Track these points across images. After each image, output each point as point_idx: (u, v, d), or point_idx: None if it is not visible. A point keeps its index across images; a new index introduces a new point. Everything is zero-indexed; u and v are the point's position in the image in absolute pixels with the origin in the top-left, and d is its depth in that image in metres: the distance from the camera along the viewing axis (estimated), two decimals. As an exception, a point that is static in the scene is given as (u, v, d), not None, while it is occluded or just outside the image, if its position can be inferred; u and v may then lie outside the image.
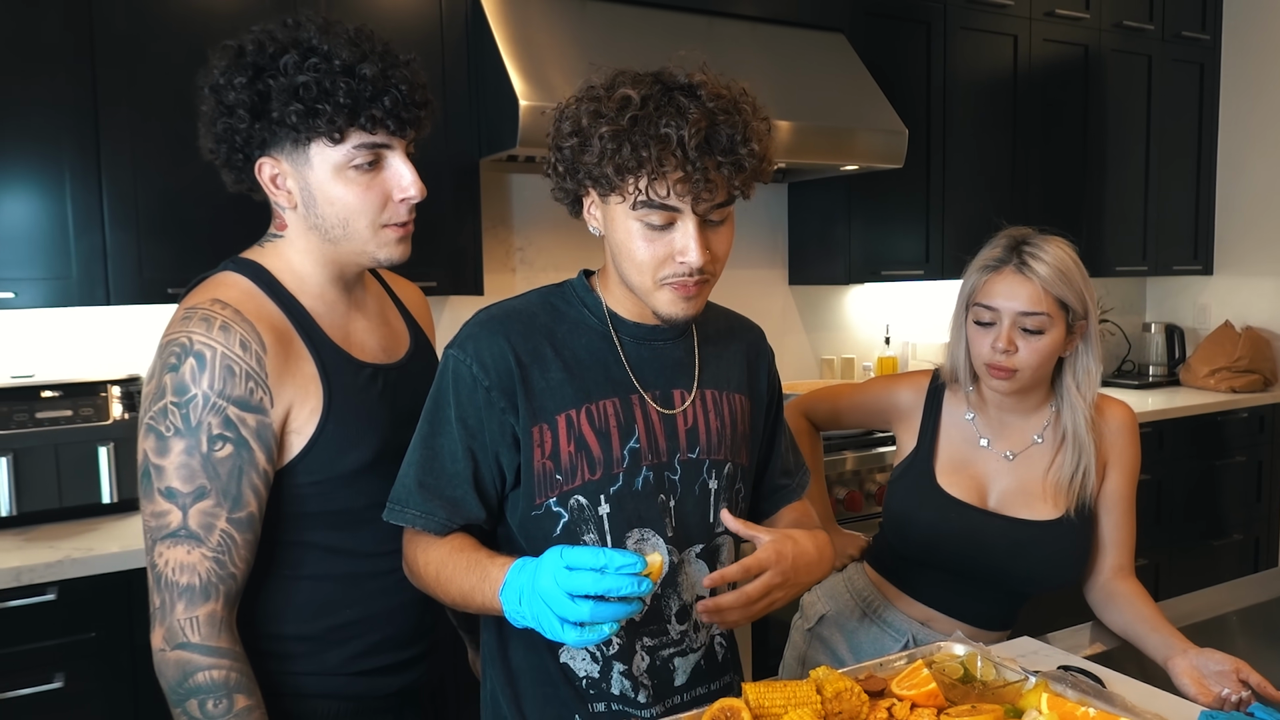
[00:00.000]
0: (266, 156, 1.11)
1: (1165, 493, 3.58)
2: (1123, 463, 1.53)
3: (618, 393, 1.14)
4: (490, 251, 2.89)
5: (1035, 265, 1.44)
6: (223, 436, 1.04)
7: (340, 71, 1.06)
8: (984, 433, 1.56)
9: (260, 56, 1.08)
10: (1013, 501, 1.51)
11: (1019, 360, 1.44)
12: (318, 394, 1.12)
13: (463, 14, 2.50)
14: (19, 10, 2.03)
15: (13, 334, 2.34)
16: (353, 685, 1.18)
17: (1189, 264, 4.06)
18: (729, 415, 1.22)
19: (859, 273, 3.23)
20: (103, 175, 2.13)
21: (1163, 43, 3.85)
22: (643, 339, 1.17)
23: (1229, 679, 1.27)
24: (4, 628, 1.85)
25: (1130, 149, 3.82)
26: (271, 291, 1.14)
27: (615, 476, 1.13)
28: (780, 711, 1.05)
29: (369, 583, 1.18)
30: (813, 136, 2.76)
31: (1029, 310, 1.43)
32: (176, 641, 1.03)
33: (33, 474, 2.07)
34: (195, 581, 1.03)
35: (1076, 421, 1.50)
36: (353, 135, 1.08)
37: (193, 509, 1.03)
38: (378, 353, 1.22)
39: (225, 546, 1.04)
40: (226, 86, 1.08)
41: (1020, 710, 1.08)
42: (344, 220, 1.12)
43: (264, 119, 1.08)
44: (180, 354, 1.04)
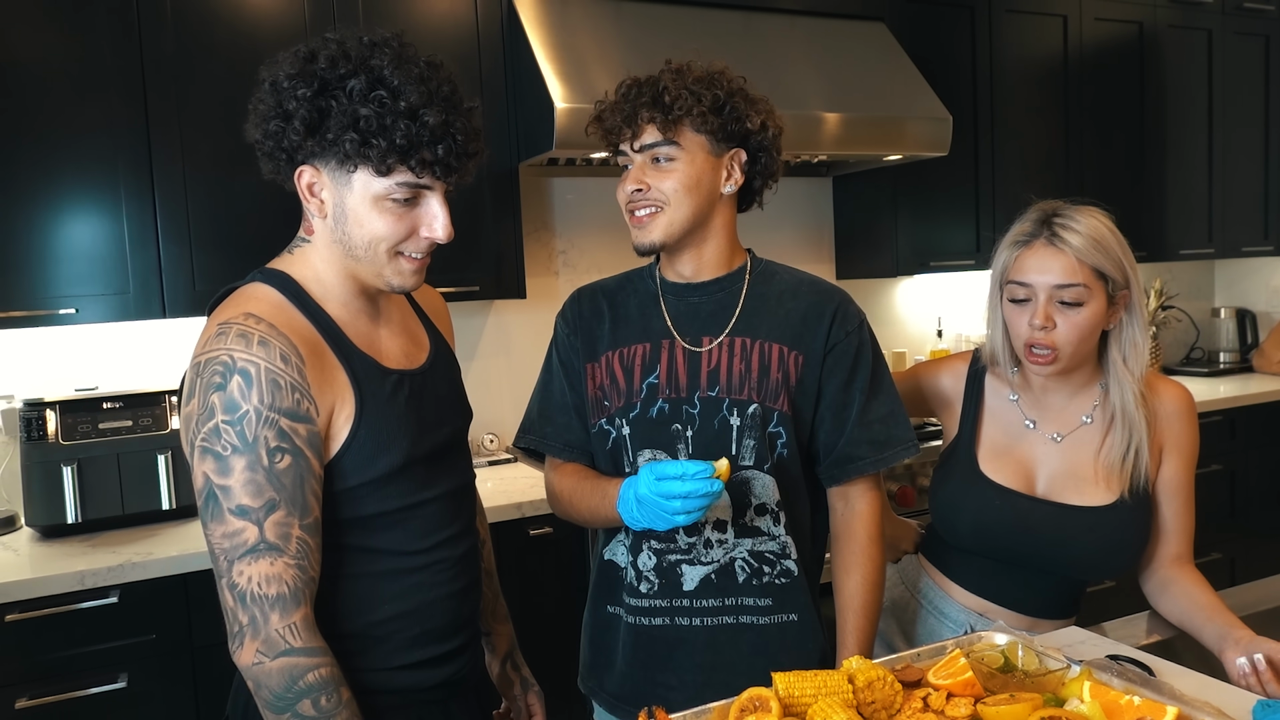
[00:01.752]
0: (309, 165, 1.13)
1: (1239, 483, 3.44)
2: (1180, 447, 1.46)
3: (651, 339, 1.39)
4: (533, 255, 2.91)
5: (1067, 235, 1.38)
6: (280, 449, 1.05)
7: (404, 113, 1.07)
8: (1029, 414, 1.50)
9: (330, 72, 1.08)
10: (1062, 486, 1.45)
11: (1058, 337, 1.39)
12: (350, 401, 1.14)
13: (498, 18, 2.52)
14: (72, 38, 2.12)
15: (76, 348, 2.44)
16: (396, 679, 1.19)
17: (1259, 245, 3.89)
18: (760, 361, 1.35)
19: (907, 264, 3.17)
20: (156, 193, 2.20)
21: (1223, 15, 3.71)
22: (680, 295, 1.41)
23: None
24: (70, 630, 1.92)
25: (1191, 128, 3.68)
26: (299, 302, 1.15)
27: (634, 405, 1.38)
28: (810, 701, 1.03)
29: (405, 578, 1.19)
30: (855, 128, 2.73)
31: (1064, 282, 1.37)
32: (279, 650, 1.04)
33: (96, 482, 2.15)
34: (284, 590, 1.04)
35: (1125, 398, 1.43)
36: (399, 173, 1.10)
37: (267, 522, 1.04)
38: (401, 359, 1.23)
39: (303, 552, 1.06)
40: (289, 92, 1.09)
41: (1062, 699, 1.04)
42: (368, 244, 1.14)
43: (317, 135, 1.09)
44: (225, 372, 1.05)
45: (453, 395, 1.31)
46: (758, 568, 1.36)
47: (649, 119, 1.31)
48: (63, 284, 2.14)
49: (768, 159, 1.38)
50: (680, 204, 1.32)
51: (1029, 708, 1.00)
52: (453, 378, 1.33)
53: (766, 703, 1.02)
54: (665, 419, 1.36)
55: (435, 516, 1.22)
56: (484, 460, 2.75)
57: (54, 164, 2.11)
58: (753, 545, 1.36)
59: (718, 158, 1.34)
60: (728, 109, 1.32)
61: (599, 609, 1.45)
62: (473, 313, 2.89)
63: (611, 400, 1.39)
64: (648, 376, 1.37)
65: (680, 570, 1.36)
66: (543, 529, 2.34)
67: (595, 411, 1.41)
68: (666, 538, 1.36)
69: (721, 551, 1.36)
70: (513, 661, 1.50)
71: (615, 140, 1.36)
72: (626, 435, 1.38)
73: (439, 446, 1.23)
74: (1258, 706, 1.02)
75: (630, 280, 1.47)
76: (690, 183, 1.32)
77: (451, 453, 1.27)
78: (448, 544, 1.23)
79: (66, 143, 2.12)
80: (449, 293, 2.43)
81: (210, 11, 2.23)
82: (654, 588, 1.37)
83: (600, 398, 1.41)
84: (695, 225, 1.35)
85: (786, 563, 1.37)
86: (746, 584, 1.36)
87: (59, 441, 2.13)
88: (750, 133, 1.34)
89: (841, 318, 1.38)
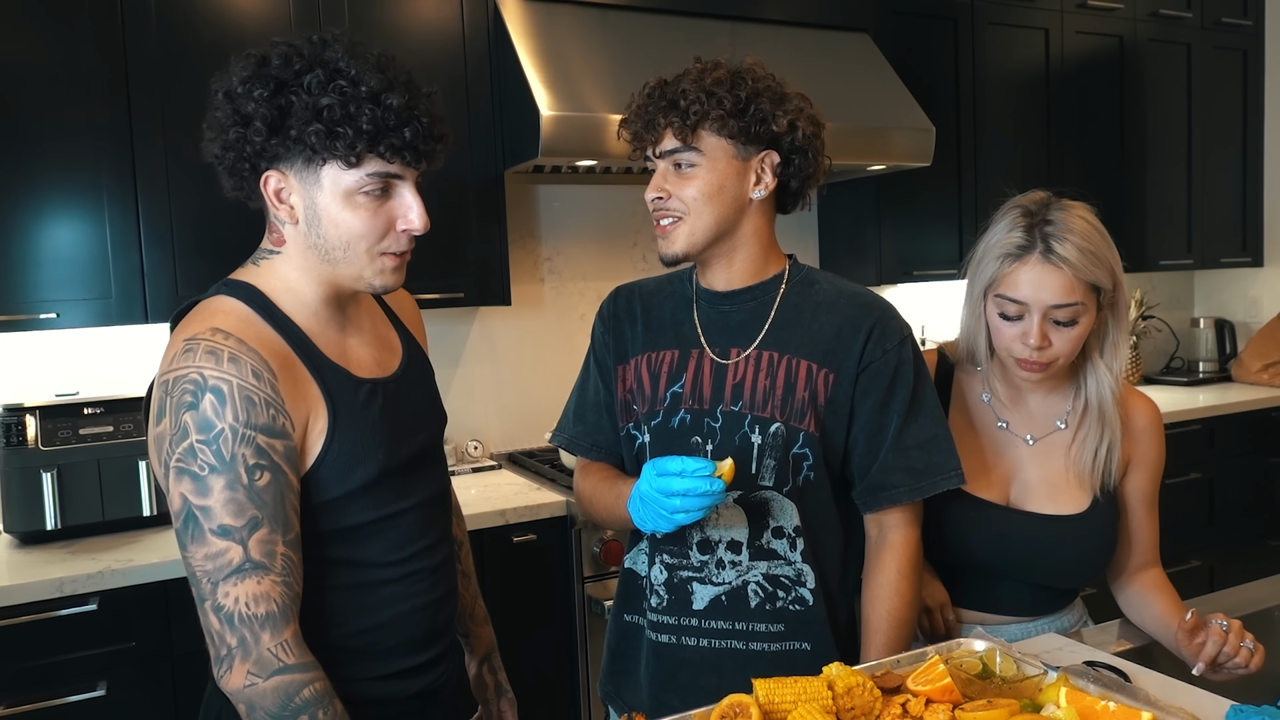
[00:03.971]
0: (274, 170, 1.09)
1: (1218, 492, 3.47)
2: (1147, 461, 1.45)
3: (681, 345, 1.36)
4: (518, 262, 2.91)
5: (1063, 250, 1.30)
6: (259, 465, 1.03)
7: (366, 98, 1.05)
8: (1002, 415, 1.46)
9: (285, 71, 1.06)
10: (1036, 493, 1.43)
11: (1053, 353, 1.34)
12: (323, 414, 1.11)
13: (484, 26, 2.53)
14: (55, 39, 2.11)
15: (56, 353, 2.42)
16: (373, 690, 1.18)
17: (1237, 256, 3.94)
18: (785, 378, 1.29)
19: (891, 274, 3.19)
20: (139, 197, 2.20)
21: (1202, 30, 3.76)
22: (714, 303, 1.36)
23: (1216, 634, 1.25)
24: (49, 637, 1.91)
25: (1171, 141, 3.73)
26: (267, 314, 1.12)
27: (657, 413, 1.35)
28: (789, 707, 1.04)
29: (381, 589, 1.18)
30: (839, 137, 2.72)
31: (1062, 302, 1.31)
32: (272, 669, 1.02)
33: (76, 488, 2.14)
34: (274, 609, 1.03)
35: (1103, 395, 1.40)
36: (368, 162, 1.07)
37: (251, 540, 1.02)
38: (373, 367, 1.20)
39: (289, 568, 1.05)
40: (245, 96, 1.06)
41: (1039, 705, 1.05)
42: (345, 243, 1.11)
43: (280, 134, 1.06)
44: (196, 391, 1.02)
45: (428, 399, 1.29)
46: (771, 592, 1.31)
47: (667, 124, 1.26)
48: (44, 288, 2.13)
49: (802, 160, 1.30)
50: (701, 213, 1.27)
51: (1006, 713, 1.01)
52: (426, 382, 1.31)
53: (747, 709, 1.03)
54: (686, 430, 1.32)
55: (412, 526, 1.20)
56: (468, 467, 2.75)
57: (36, 167, 2.10)
58: (767, 569, 1.31)
59: (744, 161, 1.27)
60: (751, 110, 1.25)
61: (619, 616, 1.43)
62: (458, 320, 2.89)
63: (638, 405, 1.37)
64: (673, 385, 1.34)
65: (691, 588, 1.33)
66: (526, 536, 2.33)
67: (624, 415, 1.39)
68: (679, 553, 1.33)
69: (735, 574, 1.31)
70: (490, 665, 1.48)
71: (641, 146, 1.31)
72: (647, 443, 1.35)
73: (415, 454, 1.22)
74: (1231, 711, 1.04)
75: (670, 283, 1.42)
76: (712, 190, 1.26)
77: (427, 460, 1.26)
78: (424, 554, 1.22)
79: (48, 146, 2.11)
80: (433, 299, 2.44)
81: (195, 15, 2.23)
82: (664, 603, 1.34)
83: (629, 401, 1.38)
84: (721, 234, 1.29)
85: (801, 590, 1.31)
86: (759, 609, 1.31)
87: (39, 447, 2.11)
88: (779, 134, 1.27)
89: (879, 334, 1.29)
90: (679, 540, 1.33)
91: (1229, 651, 1.27)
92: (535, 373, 2.99)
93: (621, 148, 1.38)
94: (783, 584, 1.31)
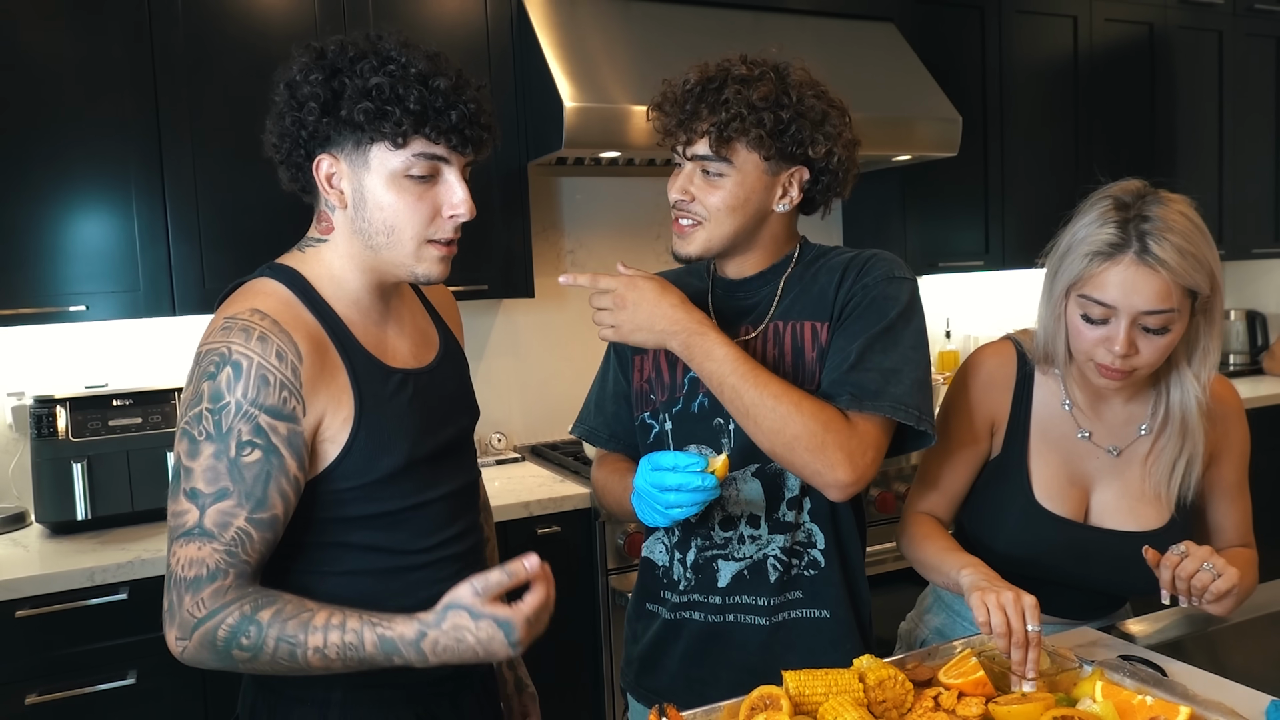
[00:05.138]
0: (326, 154, 1.11)
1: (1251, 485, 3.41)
2: (1232, 447, 1.38)
3: None
4: (541, 254, 2.91)
5: (1161, 252, 1.18)
6: (252, 443, 1.05)
7: (415, 79, 1.08)
8: (1084, 424, 1.37)
9: (339, 58, 1.10)
10: (1116, 509, 1.35)
11: (1139, 361, 1.24)
12: (348, 404, 1.12)
13: (508, 18, 2.52)
14: (83, 35, 2.12)
15: (86, 345, 2.44)
16: (403, 673, 1.18)
17: (1270, 246, 3.87)
18: (792, 344, 1.30)
19: (916, 265, 3.16)
20: (166, 191, 2.21)
21: (1234, 17, 3.69)
22: (730, 290, 1.37)
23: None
24: (80, 626, 1.93)
25: (1202, 130, 3.67)
26: (308, 300, 1.14)
27: (676, 399, 1.35)
28: (820, 699, 1.03)
29: (408, 575, 1.19)
30: (864, 128, 2.63)
31: (1155, 309, 1.19)
32: (190, 627, 1.03)
33: (106, 479, 2.16)
34: (203, 572, 1.03)
35: (1187, 404, 1.30)
36: (415, 143, 1.09)
37: (211, 509, 1.04)
38: (408, 358, 1.22)
39: (239, 540, 1.05)
40: (302, 82, 1.10)
41: (1074, 699, 1.04)
42: (390, 227, 1.12)
43: (332, 115, 1.09)
44: (219, 362, 1.06)
45: (460, 392, 1.30)
46: (787, 562, 1.33)
47: (704, 131, 1.24)
48: (73, 281, 2.15)
49: (830, 180, 1.29)
50: (722, 222, 1.27)
51: (1041, 707, 1.00)
52: (461, 375, 1.32)
53: (777, 701, 1.02)
54: (706, 414, 1.32)
55: (439, 515, 1.21)
56: (491, 460, 2.75)
57: (65, 162, 2.12)
58: (785, 542, 1.32)
59: (774, 176, 1.27)
60: (791, 131, 1.23)
61: (640, 606, 1.44)
62: (481, 312, 2.89)
63: (656, 394, 1.38)
64: (690, 371, 1.33)
65: (715, 565, 1.34)
66: (550, 528, 2.33)
67: (639, 404, 1.40)
68: (705, 534, 1.34)
69: (754, 548, 1.33)
70: (510, 660, 1.47)
71: (670, 140, 1.30)
72: (669, 430, 1.36)
73: (443, 446, 1.22)
74: (1271, 707, 1.02)
75: (689, 274, 1.43)
76: (737, 202, 1.26)
77: (457, 451, 1.27)
78: (452, 542, 1.22)
79: (77, 140, 2.13)
80: (457, 291, 2.43)
81: (221, 10, 2.24)
82: (691, 583, 1.36)
83: (646, 391, 1.39)
84: (738, 241, 1.30)
85: (813, 552, 1.32)
86: (779, 582, 1.32)
87: (69, 438, 2.13)
88: (813, 157, 1.26)
89: (861, 270, 1.27)
90: (705, 521, 1.34)
91: (1184, 575, 1.19)
92: (558, 365, 2.99)
93: (644, 139, 1.38)
94: (795, 551, 1.33)
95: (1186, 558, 1.20)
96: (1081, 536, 1.35)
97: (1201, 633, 1.38)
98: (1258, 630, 1.42)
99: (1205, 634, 1.38)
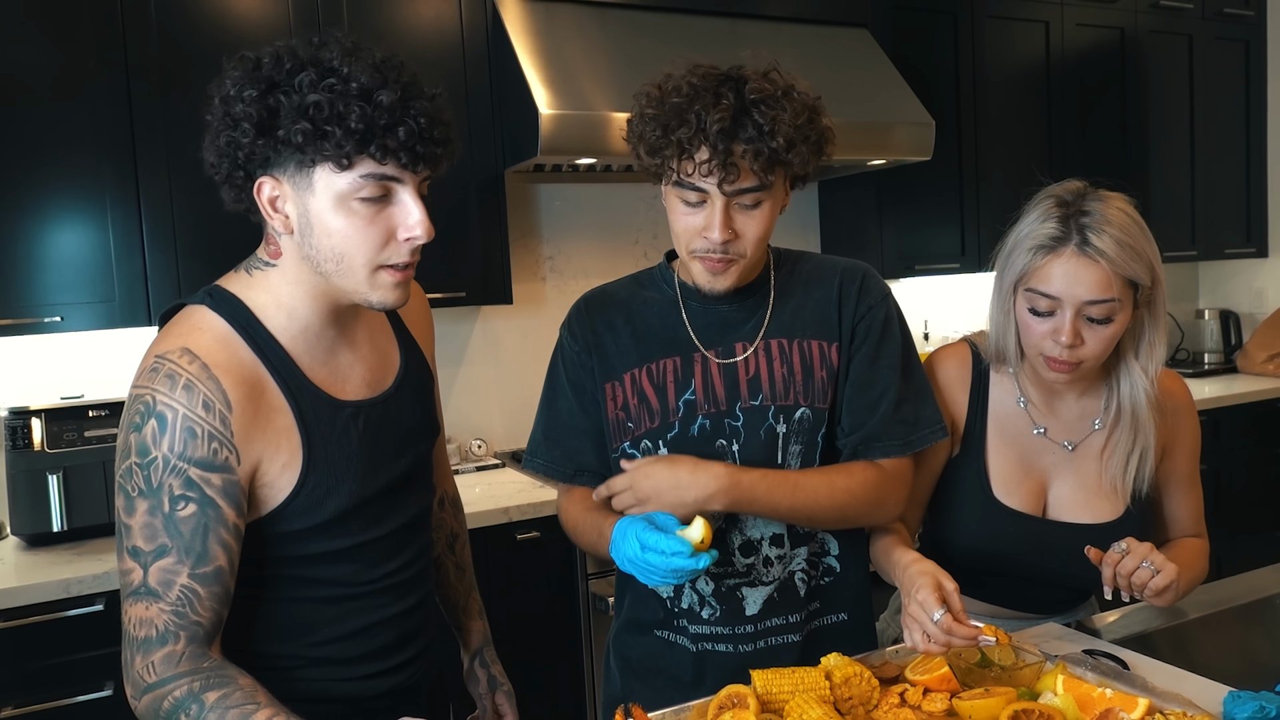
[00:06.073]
0: (268, 176, 1.04)
1: (1224, 484, 3.46)
2: (1183, 442, 1.41)
3: (679, 352, 1.30)
4: (520, 261, 2.92)
5: (1100, 243, 1.23)
6: (185, 497, 1.01)
7: (356, 95, 0.98)
8: (1039, 420, 1.40)
9: (276, 71, 1.01)
10: (1073, 502, 1.38)
11: (1085, 352, 1.28)
12: (291, 447, 1.07)
13: (483, 26, 2.53)
14: (56, 44, 2.12)
15: (61, 356, 2.44)
16: (341, 689, 1.17)
17: (1242, 247, 3.93)
18: (800, 361, 1.28)
19: (893, 268, 3.19)
20: (141, 200, 2.21)
21: (1203, 21, 3.74)
22: (708, 304, 1.31)
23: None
24: (56, 638, 1.92)
25: (1173, 133, 3.72)
26: (248, 334, 1.08)
27: (671, 424, 1.29)
28: (787, 697, 1.04)
29: (347, 604, 1.16)
30: (840, 133, 2.62)
31: (1097, 298, 1.25)
32: (141, 689, 1.01)
33: (82, 491, 2.15)
34: (152, 634, 1.01)
35: (1136, 398, 1.34)
36: (361, 164, 1.00)
37: (153, 567, 1.01)
38: (361, 388, 1.16)
39: (185, 600, 1.02)
40: (235, 98, 1.01)
41: (1036, 693, 1.06)
42: (339, 255, 1.04)
43: (269, 136, 1.00)
44: (144, 413, 1.02)
45: (419, 416, 1.24)
46: (811, 574, 1.31)
47: (750, 166, 1.15)
48: (48, 292, 2.14)
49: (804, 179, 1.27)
50: (757, 250, 1.23)
51: (1003, 701, 1.02)
52: (421, 397, 1.25)
53: (744, 699, 1.03)
54: (708, 436, 1.27)
55: (387, 549, 1.18)
56: (472, 466, 2.76)
57: (38, 172, 2.12)
58: (807, 553, 1.30)
59: (787, 190, 1.25)
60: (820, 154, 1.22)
61: (645, 632, 1.35)
62: (460, 319, 2.90)
63: (639, 422, 1.29)
64: (683, 393, 1.28)
65: (741, 594, 1.29)
66: (530, 533, 2.34)
67: (616, 435, 1.31)
68: (722, 562, 1.29)
69: (781, 568, 1.29)
70: (482, 659, 1.44)
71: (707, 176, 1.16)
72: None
73: (396, 479, 1.18)
74: (1228, 698, 1.03)
75: (642, 285, 1.36)
76: (769, 226, 1.22)
77: (409, 484, 1.22)
78: (398, 571, 1.19)
79: (51, 150, 2.12)
80: (435, 299, 2.44)
81: (195, 18, 2.24)
82: (716, 614, 1.30)
83: (623, 420, 1.30)
84: None
85: (828, 560, 1.32)
86: (807, 594, 1.30)
87: (44, 450, 2.12)
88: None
89: (863, 290, 1.30)
90: (720, 549, 1.27)
91: (1124, 573, 1.22)
92: (538, 371, 2.92)
93: (621, 146, 1.32)
94: (813, 561, 1.32)
95: (1127, 555, 1.23)
96: (1039, 530, 1.38)
97: (1168, 626, 1.40)
98: (1223, 623, 1.43)
99: (1172, 628, 1.39)
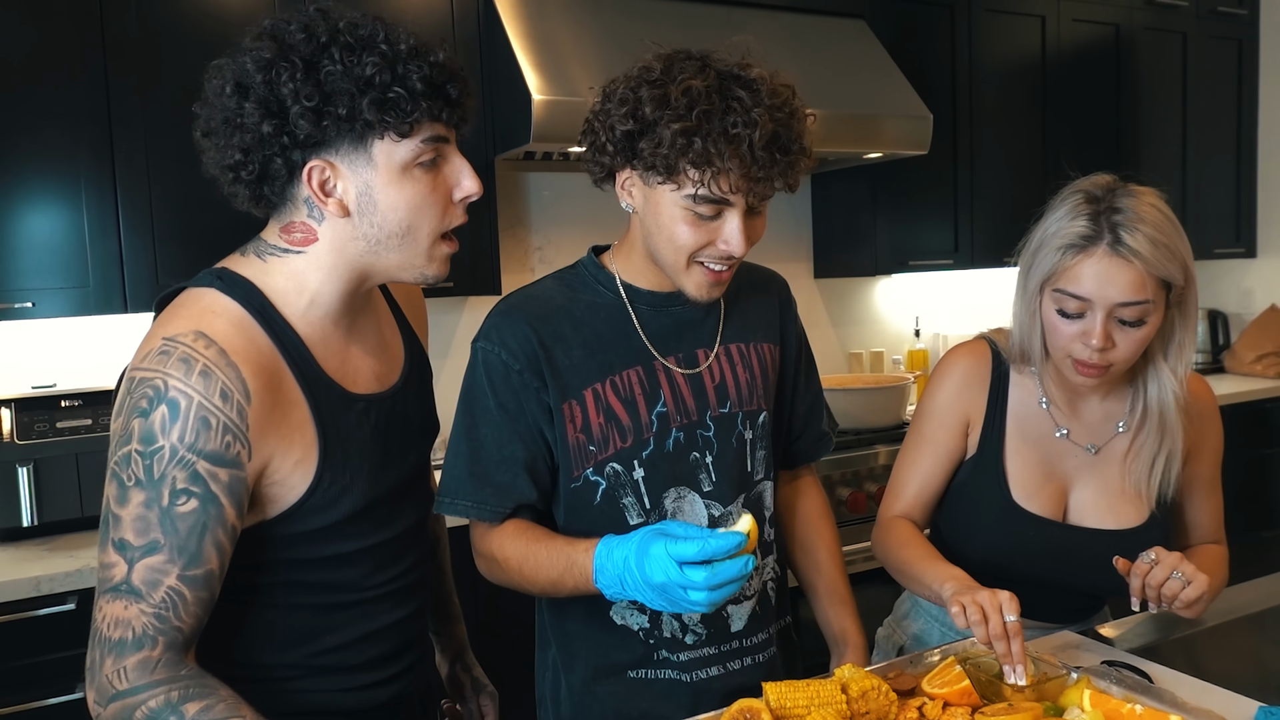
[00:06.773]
0: (318, 159, 0.97)
1: (1213, 483, 3.46)
2: (1208, 445, 1.38)
3: (639, 361, 1.19)
4: (509, 252, 2.86)
5: (1134, 243, 1.17)
6: (187, 491, 0.93)
7: (408, 57, 0.95)
8: (1061, 422, 1.35)
9: (307, 47, 0.95)
10: (1095, 507, 1.34)
11: (1115, 355, 1.22)
12: (306, 443, 1.01)
13: (474, 9, 2.47)
14: (32, 23, 2.04)
15: (33, 344, 2.35)
16: (340, 700, 1.12)
17: (1231, 247, 3.92)
18: (758, 365, 1.26)
19: (886, 264, 3.16)
20: (118, 182, 2.13)
21: (1198, 19, 3.73)
22: (660, 306, 1.21)
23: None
24: (26, 638, 1.85)
25: (1165, 130, 3.70)
26: (265, 320, 1.01)
27: (646, 441, 1.18)
28: (803, 712, 1.00)
29: (351, 610, 1.11)
30: (835, 125, 2.70)
31: (1130, 300, 1.18)
32: (109, 696, 0.94)
33: (53, 484, 2.07)
34: (128, 636, 0.93)
35: (1165, 400, 1.29)
36: (421, 129, 0.98)
37: (139, 564, 0.93)
38: (371, 381, 1.11)
39: (169, 603, 0.95)
40: (274, 83, 0.94)
41: (1061, 708, 1.02)
42: (405, 228, 1.00)
43: (327, 116, 0.95)
44: (154, 398, 0.93)
45: (423, 413, 1.21)
46: (776, 581, 1.29)
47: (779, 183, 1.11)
48: (19, 276, 2.06)
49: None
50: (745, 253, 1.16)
51: (1029, 717, 0.97)
52: (424, 392, 1.22)
53: (758, 714, 0.99)
54: (682, 449, 1.19)
55: (392, 553, 1.13)
56: (458, 460, 2.70)
57: (11, 151, 2.03)
58: (774, 561, 1.28)
59: None
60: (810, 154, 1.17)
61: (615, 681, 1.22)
62: (447, 309, 2.83)
63: (604, 444, 1.18)
64: (654, 406, 1.19)
65: (726, 611, 1.23)
66: (519, 531, 2.29)
67: (576, 461, 1.17)
68: None
69: (759, 579, 1.25)
70: (463, 663, 1.41)
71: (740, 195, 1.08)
72: (641, 479, 1.18)
73: (405, 479, 1.14)
74: (1260, 713, 1.00)
75: (573, 288, 1.22)
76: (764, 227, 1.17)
77: (414, 483, 1.18)
78: (401, 576, 1.15)
79: (24, 130, 2.04)
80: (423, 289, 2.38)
81: (175, -4, 2.16)
82: (701, 638, 1.21)
83: (583, 443, 1.17)
84: None
85: (772, 560, 1.29)
86: (779, 604, 1.28)
87: (14, 441, 2.04)
88: None
89: (793, 301, 1.36)
90: None
91: (1154, 584, 1.19)
92: None
93: None
94: (777, 568, 1.30)
95: (1156, 565, 1.20)
96: (1060, 535, 1.34)
97: (1179, 635, 1.36)
98: (1235, 632, 1.41)
99: (1183, 637, 1.36)
